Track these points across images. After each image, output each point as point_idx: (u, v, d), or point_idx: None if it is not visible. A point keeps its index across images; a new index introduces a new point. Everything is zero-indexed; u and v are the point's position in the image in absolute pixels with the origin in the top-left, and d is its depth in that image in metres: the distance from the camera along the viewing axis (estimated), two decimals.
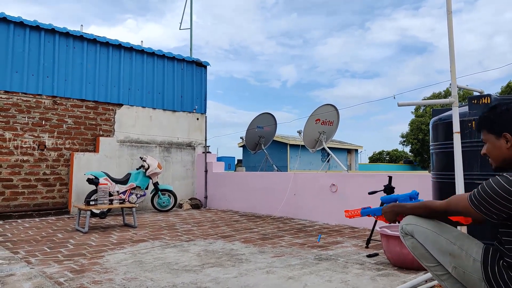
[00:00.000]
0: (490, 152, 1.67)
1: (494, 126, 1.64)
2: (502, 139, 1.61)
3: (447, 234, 1.68)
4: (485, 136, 1.69)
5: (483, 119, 1.70)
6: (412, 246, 1.76)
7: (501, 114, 1.63)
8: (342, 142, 28.00)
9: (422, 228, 1.72)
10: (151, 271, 3.29)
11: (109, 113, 8.05)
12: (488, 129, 1.67)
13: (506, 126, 1.60)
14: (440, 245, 1.65)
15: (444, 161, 3.79)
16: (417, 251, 1.75)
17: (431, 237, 1.68)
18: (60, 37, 7.54)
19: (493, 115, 1.65)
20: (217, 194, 8.58)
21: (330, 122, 7.88)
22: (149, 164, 7.39)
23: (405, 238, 1.79)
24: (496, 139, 1.63)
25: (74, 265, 3.51)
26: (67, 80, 7.57)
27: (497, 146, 1.63)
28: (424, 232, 1.71)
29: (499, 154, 1.63)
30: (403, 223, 1.80)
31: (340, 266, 3.44)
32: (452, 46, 3.36)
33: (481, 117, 1.71)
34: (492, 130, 1.65)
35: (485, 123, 1.68)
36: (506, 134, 1.59)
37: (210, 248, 4.22)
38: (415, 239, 1.73)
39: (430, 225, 1.73)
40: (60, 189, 7.43)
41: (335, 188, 6.22)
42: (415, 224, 1.75)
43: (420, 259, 1.76)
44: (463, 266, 1.58)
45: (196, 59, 9.41)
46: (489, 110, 1.70)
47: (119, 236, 5.01)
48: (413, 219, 1.78)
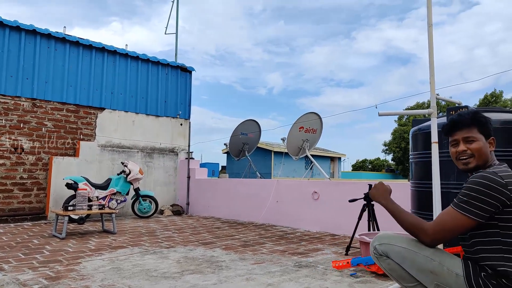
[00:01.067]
0: (479, 151, 1.69)
1: (486, 129, 1.72)
2: (488, 142, 1.72)
3: (425, 251, 1.62)
4: (475, 134, 1.71)
5: (477, 119, 1.73)
6: (389, 267, 1.69)
7: (488, 120, 1.75)
8: (325, 150, 28.23)
9: (397, 247, 1.65)
10: (129, 278, 3.24)
11: (90, 117, 7.94)
12: (480, 129, 1.72)
13: (492, 131, 1.74)
14: (419, 264, 1.60)
15: (423, 170, 3.86)
16: (395, 273, 1.68)
17: (409, 256, 1.62)
18: (42, 39, 7.41)
19: (485, 119, 1.74)
20: (199, 201, 8.52)
21: (314, 130, 7.95)
22: (130, 169, 7.30)
23: (380, 259, 1.71)
24: (486, 140, 1.72)
25: (49, 271, 3.42)
26: (47, 82, 7.44)
27: (483, 147, 1.70)
28: (400, 251, 1.64)
29: (483, 155, 1.69)
30: (375, 243, 1.73)
31: (319, 273, 3.45)
32: (431, 58, 3.45)
33: (475, 115, 1.73)
34: (484, 131, 1.72)
35: (478, 123, 1.72)
36: (492, 139, 1.73)
37: (190, 255, 4.17)
38: (391, 260, 1.66)
39: (405, 243, 1.66)
40: (38, 194, 7.26)
41: (317, 195, 6.26)
42: (389, 244, 1.68)
43: (399, 280, 1.70)
44: (446, 283, 1.56)
45: (181, 64, 9.38)
46: (479, 113, 1.76)
47: (98, 242, 4.92)
48: (385, 238, 1.71)
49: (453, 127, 1.76)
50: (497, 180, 1.50)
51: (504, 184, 1.49)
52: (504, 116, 3.58)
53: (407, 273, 1.65)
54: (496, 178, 1.50)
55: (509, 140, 3.43)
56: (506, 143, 3.43)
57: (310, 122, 7.76)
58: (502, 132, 3.46)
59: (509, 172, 1.56)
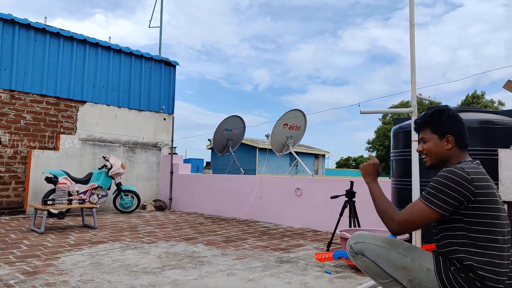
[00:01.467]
0: (430, 150, 1.78)
1: (440, 128, 1.75)
2: (444, 141, 1.74)
3: (398, 247, 1.69)
4: (428, 135, 1.79)
5: (430, 120, 1.79)
6: (365, 265, 1.74)
7: (449, 118, 1.76)
8: (310, 147, 28.42)
9: (371, 245, 1.72)
10: (108, 273, 3.20)
11: (71, 110, 7.78)
12: (433, 129, 1.77)
13: (450, 129, 1.74)
14: (393, 260, 1.66)
15: (403, 167, 3.93)
16: (370, 270, 1.73)
17: (382, 253, 1.68)
18: (21, 29, 7.22)
19: (441, 118, 1.76)
20: (182, 196, 8.47)
21: (298, 127, 7.99)
22: (112, 163, 7.20)
23: (355, 258, 1.76)
24: (439, 140, 1.75)
25: (26, 266, 3.36)
26: (26, 74, 7.25)
27: (438, 146, 1.75)
28: (375, 249, 1.70)
29: (439, 153, 1.75)
30: (351, 242, 1.79)
31: (300, 268, 3.48)
32: (413, 58, 3.50)
33: (428, 117, 1.81)
34: (437, 131, 1.76)
35: (431, 123, 1.79)
36: (449, 137, 1.73)
37: (172, 250, 4.15)
38: (367, 258, 1.72)
39: (379, 241, 1.74)
40: (16, 188, 7.09)
41: (300, 192, 6.30)
42: (364, 242, 1.74)
43: (374, 277, 1.74)
44: (418, 278, 1.61)
45: (165, 58, 9.28)
46: (437, 112, 1.80)
47: (77, 237, 4.84)
48: (360, 237, 1.77)
49: (415, 128, 1.87)
50: (463, 175, 1.54)
51: (470, 179, 1.53)
52: (482, 116, 3.66)
53: (381, 269, 1.70)
54: (462, 174, 1.54)
55: (487, 139, 3.52)
56: (484, 142, 3.52)
57: (294, 119, 7.79)
58: (480, 131, 3.54)
59: (477, 169, 1.59)
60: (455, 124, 1.74)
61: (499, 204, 1.56)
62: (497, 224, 1.54)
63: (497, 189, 1.62)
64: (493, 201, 1.54)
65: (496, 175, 2.84)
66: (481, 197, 1.53)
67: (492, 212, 1.53)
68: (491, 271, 1.49)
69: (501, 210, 1.56)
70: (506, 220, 1.58)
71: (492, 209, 1.53)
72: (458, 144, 1.73)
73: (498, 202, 1.56)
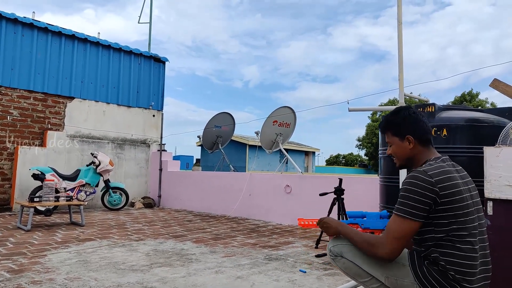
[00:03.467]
0: (395, 153, 1.81)
1: (398, 130, 1.78)
2: (405, 141, 1.76)
3: None
4: (390, 139, 1.83)
5: (388, 123, 1.83)
6: (344, 266, 1.75)
7: (404, 118, 1.78)
8: (300, 144, 28.51)
9: (349, 246, 1.74)
10: (96, 270, 3.18)
11: (59, 106, 7.69)
12: (393, 132, 1.81)
13: (409, 129, 1.76)
14: (369, 259, 1.68)
15: (391, 165, 3.96)
16: (350, 270, 1.75)
17: (359, 253, 1.70)
18: (7, 23, 7.09)
19: (397, 119, 1.79)
20: (171, 193, 8.44)
21: (287, 124, 8.00)
22: (100, 160, 7.13)
23: (335, 260, 1.78)
24: (400, 141, 1.78)
25: (12, 264, 3.31)
26: (13, 69, 7.14)
27: (401, 147, 1.78)
28: (351, 249, 1.73)
29: (403, 154, 1.78)
30: (330, 245, 1.81)
31: (288, 266, 3.49)
32: (401, 56, 3.53)
33: (386, 121, 1.84)
34: (396, 133, 1.79)
35: (390, 126, 1.82)
36: (409, 137, 1.75)
37: (160, 248, 4.14)
38: (346, 259, 1.74)
39: None
40: (2, 185, 6.99)
41: (289, 189, 6.32)
42: (342, 244, 1.76)
43: (355, 277, 1.76)
44: (394, 275, 1.63)
45: (155, 54, 9.21)
46: (393, 115, 1.83)
47: (65, 234, 4.80)
48: (338, 240, 1.79)
49: (380, 132, 1.88)
50: (425, 179, 1.54)
51: (433, 182, 1.54)
52: (468, 114, 3.71)
53: (360, 269, 1.71)
54: (425, 177, 1.55)
55: (473, 137, 3.57)
56: (470, 140, 3.56)
57: (283, 116, 7.80)
58: (467, 129, 3.59)
59: (441, 169, 1.60)
60: (412, 123, 1.75)
61: (466, 201, 1.56)
62: (467, 221, 1.54)
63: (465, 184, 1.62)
64: (459, 199, 1.54)
65: (482, 173, 2.88)
66: (447, 197, 1.53)
67: (460, 210, 1.54)
68: (463, 272, 1.51)
69: (469, 206, 1.56)
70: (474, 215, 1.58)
71: (459, 208, 1.54)
72: (420, 142, 1.74)
73: (464, 199, 1.56)
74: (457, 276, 1.50)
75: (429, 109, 3.80)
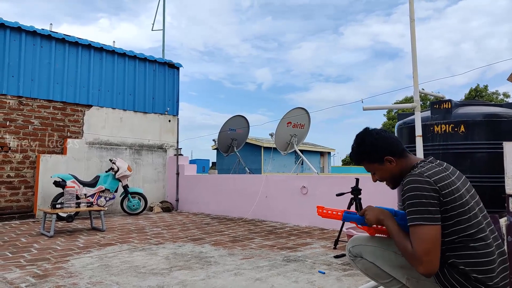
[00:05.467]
0: (383, 177, 1.74)
1: (373, 156, 1.71)
2: (386, 162, 1.70)
3: (394, 247, 1.69)
4: (370, 167, 1.75)
5: (360, 154, 1.76)
6: (364, 267, 1.74)
7: (373, 144, 1.71)
8: (315, 145, 28.37)
9: (368, 247, 1.72)
10: (117, 274, 3.24)
11: (77, 114, 7.86)
12: (368, 160, 1.74)
13: (383, 151, 1.69)
14: (390, 260, 1.67)
15: None
16: (370, 271, 1.73)
17: (380, 254, 1.69)
18: (27, 36, 7.31)
19: (367, 147, 1.72)
20: (188, 197, 8.52)
21: (302, 125, 7.99)
22: (118, 166, 7.26)
23: (355, 261, 1.77)
24: (381, 165, 1.71)
25: (37, 270, 3.41)
26: (33, 80, 7.34)
27: (385, 170, 1.71)
28: (372, 250, 1.71)
29: (391, 175, 1.71)
30: (349, 246, 1.79)
31: (307, 267, 3.49)
32: (414, 53, 3.49)
33: (356, 153, 1.77)
34: (373, 160, 1.72)
35: (363, 157, 1.75)
36: (387, 157, 1.69)
37: (179, 251, 4.19)
38: (366, 260, 1.72)
39: (376, 242, 1.74)
40: (25, 192, 7.18)
41: (305, 190, 6.31)
42: (362, 245, 1.75)
43: (375, 278, 1.75)
44: (415, 275, 1.61)
45: (169, 61, 9.33)
46: (360, 145, 1.75)
47: (86, 240, 4.90)
48: (357, 240, 1.78)
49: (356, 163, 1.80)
50: (425, 180, 1.50)
51: (433, 182, 1.50)
52: (486, 109, 3.65)
53: (381, 270, 1.70)
54: (424, 179, 1.50)
55: (492, 132, 3.50)
56: (489, 135, 3.50)
57: (297, 118, 7.80)
58: (485, 125, 3.53)
59: (434, 169, 1.56)
60: (383, 144, 1.69)
61: (464, 197, 1.52)
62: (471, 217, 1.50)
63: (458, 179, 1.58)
64: (458, 197, 1.50)
65: (502, 169, 2.83)
66: (448, 196, 1.49)
67: (461, 208, 1.49)
68: (484, 270, 1.47)
69: (468, 202, 1.52)
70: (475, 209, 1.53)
71: (460, 206, 1.49)
72: (399, 156, 1.69)
73: (462, 196, 1.51)
74: (479, 276, 1.47)
75: (445, 106, 3.75)
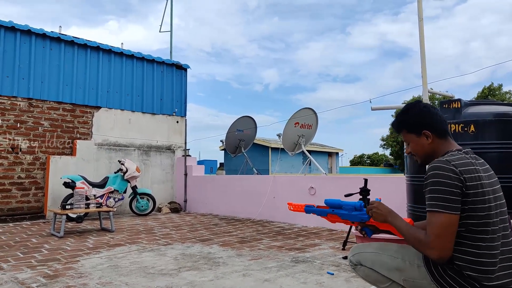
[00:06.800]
0: (414, 150, 1.74)
1: (413, 126, 1.72)
2: (423, 137, 1.69)
3: (388, 251, 1.71)
4: (406, 137, 1.76)
5: (401, 122, 1.77)
6: (365, 274, 1.76)
7: (417, 114, 1.72)
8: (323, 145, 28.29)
9: (365, 253, 1.75)
10: (126, 275, 3.27)
11: (87, 116, 7.93)
12: (408, 129, 1.74)
13: (424, 124, 1.69)
14: (386, 264, 1.68)
15: (417, 164, 3.89)
16: (370, 277, 1.74)
17: (376, 259, 1.71)
18: (37, 39, 7.40)
19: (410, 116, 1.73)
20: (197, 198, 8.54)
21: (309, 126, 7.97)
22: (127, 167, 7.31)
23: (356, 269, 1.79)
24: (417, 137, 1.71)
25: (47, 270, 3.45)
26: (43, 82, 7.43)
27: (420, 144, 1.71)
28: (368, 256, 1.74)
29: (423, 151, 1.71)
30: (350, 255, 1.82)
31: (316, 268, 3.48)
32: (423, 52, 3.47)
33: (398, 120, 1.78)
34: (412, 130, 1.72)
35: (403, 124, 1.76)
36: (425, 132, 1.68)
37: (188, 252, 4.20)
38: (365, 267, 1.74)
39: (372, 248, 1.77)
40: (36, 193, 7.27)
41: (313, 190, 6.29)
42: (359, 252, 1.78)
43: (376, 283, 1.75)
44: (411, 276, 1.61)
45: (176, 62, 9.38)
46: (404, 112, 1.76)
47: (96, 240, 4.94)
48: (356, 248, 1.80)
49: (395, 132, 1.82)
50: (450, 169, 1.48)
51: (458, 172, 1.47)
52: (496, 109, 3.60)
53: (380, 275, 1.71)
54: (449, 167, 1.48)
55: (503, 132, 3.46)
56: (500, 135, 3.46)
57: (305, 118, 7.78)
58: (496, 124, 3.49)
59: (463, 160, 1.53)
60: (426, 117, 1.69)
61: (487, 195, 1.49)
62: (487, 216, 1.47)
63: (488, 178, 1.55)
64: (481, 193, 1.47)
65: None
66: (471, 189, 1.47)
67: (480, 204, 1.47)
68: (481, 270, 1.46)
69: (490, 201, 1.49)
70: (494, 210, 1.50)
71: (480, 202, 1.47)
72: (438, 135, 1.67)
73: (485, 193, 1.49)
74: (474, 275, 1.45)
75: (455, 105, 3.71)
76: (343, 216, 1.87)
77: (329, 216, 1.91)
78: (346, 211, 1.85)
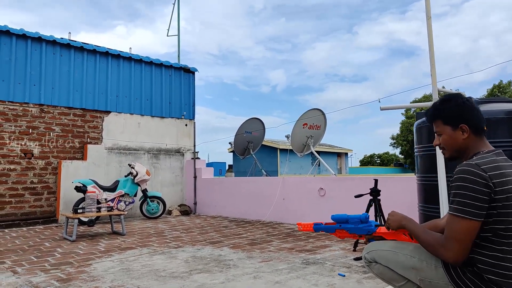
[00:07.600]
0: (446, 143, 1.68)
1: (451, 118, 1.65)
2: (459, 130, 1.64)
3: (405, 250, 1.68)
4: (440, 128, 1.70)
5: (439, 111, 1.70)
6: (379, 272, 1.74)
7: (458, 106, 1.65)
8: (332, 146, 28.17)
9: (381, 251, 1.72)
10: (138, 278, 3.29)
11: (97, 121, 8.02)
12: (444, 120, 1.68)
13: (463, 117, 1.63)
14: (402, 262, 1.66)
15: (428, 163, 3.85)
16: (385, 275, 1.73)
17: (392, 257, 1.68)
18: (47, 45, 7.50)
19: (450, 107, 1.67)
20: (206, 200, 8.57)
21: (318, 126, 7.95)
22: (137, 171, 7.36)
23: (370, 266, 1.77)
24: (453, 131, 1.65)
25: (61, 274, 3.49)
26: (54, 88, 7.53)
27: (453, 137, 1.65)
28: (384, 254, 1.71)
29: (455, 145, 1.66)
30: (364, 253, 1.80)
31: (327, 269, 3.47)
32: (432, 51, 3.44)
33: (436, 108, 1.72)
34: (449, 121, 1.66)
35: (441, 114, 1.69)
36: (463, 126, 1.62)
37: (198, 255, 4.22)
38: (380, 264, 1.72)
39: (388, 246, 1.74)
40: (48, 198, 7.36)
41: (323, 192, 6.27)
42: (374, 250, 1.75)
43: (391, 282, 1.74)
44: (428, 276, 1.59)
45: (184, 66, 9.43)
46: (444, 102, 1.70)
47: (107, 244, 4.99)
48: (371, 246, 1.78)
49: (427, 121, 1.77)
50: (479, 174, 1.44)
51: (488, 177, 1.43)
52: (509, 106, 3.55)
53: (395, 273, 1.69)
54: (479, 172, 1.44)
55: None
56: (511, 133, 3.41)
57: (313, 119, 7.76)
58: (508, 122, 3.44)
59: (494, 164, 1.49)
60: (466, 111, 1.63)
61: None
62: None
63: None
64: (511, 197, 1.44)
65: None
66: (501, 194, 1.43)
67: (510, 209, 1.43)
68: (503, 274, 1.43)
69: None
70: None
71: (510, 206, 1.43)
72: (474, 132, 1.62)
73: None
74: (496, 279, 1.43)
75: None
76: (350, 230, 1.90)
77: (337, 232, 1.93)
78: (352, 224, 1.88)
